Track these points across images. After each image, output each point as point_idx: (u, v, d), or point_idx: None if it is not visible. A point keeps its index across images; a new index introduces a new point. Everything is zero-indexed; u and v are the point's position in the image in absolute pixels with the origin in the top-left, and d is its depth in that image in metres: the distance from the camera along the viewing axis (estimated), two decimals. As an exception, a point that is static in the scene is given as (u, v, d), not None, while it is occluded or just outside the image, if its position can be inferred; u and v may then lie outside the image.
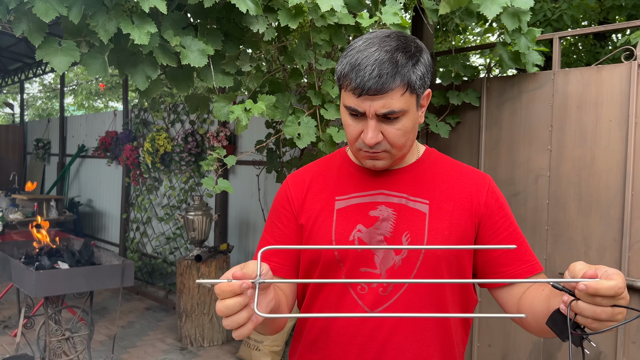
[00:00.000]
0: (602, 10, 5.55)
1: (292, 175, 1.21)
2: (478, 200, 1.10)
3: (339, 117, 2.35)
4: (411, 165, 1.14)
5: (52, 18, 1.64)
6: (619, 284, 0.77)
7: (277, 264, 1.13)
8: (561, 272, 2.54)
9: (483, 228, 1.10)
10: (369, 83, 0.97)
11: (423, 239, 1.05)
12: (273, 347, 3.70)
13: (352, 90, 1.00)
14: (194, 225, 4.14)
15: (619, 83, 2.39)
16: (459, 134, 2.95)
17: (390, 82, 0.98)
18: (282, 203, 1.18)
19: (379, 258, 1.06)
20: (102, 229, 7.19)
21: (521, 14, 2.43)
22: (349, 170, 1.16)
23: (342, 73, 1.03)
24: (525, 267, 1.09)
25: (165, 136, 5.31)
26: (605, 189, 2.42)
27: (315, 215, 1.11)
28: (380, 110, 0.99)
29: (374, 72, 0.98)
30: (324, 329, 1.10)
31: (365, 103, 1.00)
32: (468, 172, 1.15)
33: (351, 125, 1.05)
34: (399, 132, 1.03)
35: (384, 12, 2.21)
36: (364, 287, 1.06)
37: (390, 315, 0.95)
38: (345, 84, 1.02)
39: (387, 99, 0.99)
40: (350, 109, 1.02)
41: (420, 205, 1.08)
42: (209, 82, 2.07)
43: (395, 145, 1.04)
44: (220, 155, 2.19)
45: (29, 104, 17.27)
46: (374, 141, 1.01)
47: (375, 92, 0.98)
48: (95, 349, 3.90)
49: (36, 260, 2.98)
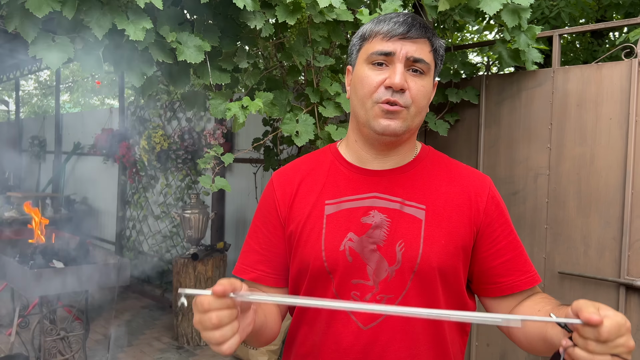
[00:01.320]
0: (600, 8, 5.53)
1: (277, 173, 1.13)
2: (477, 206, 1.03)
3: (337, 114, 2.32)
4: (408, 165, 1.07)
5: (46, 13, 1.61)
6: (620, 330, 0.73)
7: (263, 272, 1.08)
8: (560, 271, 2.53)
9: (481, 237, 1.04)
10: (402, 27, 0.98)
11: (418, 248, 0.99)
12: (270, 345, 3.68)
13: (383, 34, 0.99)
14: (190, 224, 4.11)
15: (619, 81, 2.37)
16: (457, 132, 2.92)
17: (422, 31, 0.99)
18: (267, 207, 1.11)
19: (371, 269, 0.99)
20: (98, 227, 7.15)
21: (521, 11, 2.41)
22: (339, 169, 1.08)
23: (368, 30, 1.02)
24: (524, 279, 1.04)
25: (162, 134, 5.28)
26: (605, 187, 2.41)
27: (304, 221, 1.04)
28: (412, 53, 0.98)
29: (407, 19, 0.99)
30: (316, 344, 1.04)
31: (396, 44, 0.98)
32: (467, 174, 1.08)
33: (371, 76, 1.00)
34: (422, 89, 1.00)
35: (383, 8, 2.19)
36: (356, 299, 0.99)
37: (379, 309, 0.89)
38: (373, 34, 1.00)
39: (418, 45, 0.99)
40: (378, 52, 0.98)
41: (415, 210, 1.01)
42: (205, 79, 2.04)
43: (416, 101, 0.99)
44: (217, 153, 2.17)
45: (24, 101, 17.17)
46: (401, 82, 0.96)
47: (408, 36, 0.98)
48: (90, 348, 3.87)
49: (31, 259, 2.95)
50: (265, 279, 1.08)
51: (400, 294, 0.98)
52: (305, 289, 1.04)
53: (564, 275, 2.53)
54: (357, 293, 0.99)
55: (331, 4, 1.98)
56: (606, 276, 2.39)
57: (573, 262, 2.50)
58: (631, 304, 2.33)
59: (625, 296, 2.33)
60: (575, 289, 2.50)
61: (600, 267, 2.42)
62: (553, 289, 2.57)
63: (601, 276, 2.40)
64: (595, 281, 2.43)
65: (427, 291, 0.99)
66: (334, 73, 2.52)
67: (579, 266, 2.48)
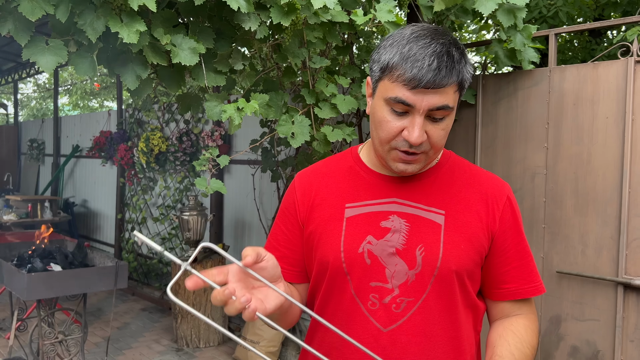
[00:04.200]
0: (597, 7, 5.53)
1: (299, 175, 1.15)
2: (494, 214, 1.05)
3: (333, 115, 2.32)
4: (429, 171, 1.08)
5: (39, 17, 1.60)
6: None
7: (283, 269, 1.08)
8: (558, 270, 2.52)
9: (495, 243, 1.06)
10: (427, 75, 0.90)
11: (438, 252, 1.00)
12: (269, 347, 3.67)
13: (406, 81, 0.91)
14: (189, 226, 4.11)
15: (615, 79, 2.37)
16: (455, 132, 2.92)
17: (448, 77, 0.91)
18: (287, 206, 1.13)
19: (390, 272, 1.00)
20: (97, 230, 7.15)
21: (517, 10, 2.41)
22: (360, 174, 1.09)
23: (391, 63, 0.94)
24: (527, 288, 1.07)
25: (160, 136, 5.28)
26: (602, 186, 2.40)
27: (325, 222, 1.06)
28: (435, 104, 0.92)
29: (433, 64, 0.90)
30: (333, 345, 1.05)
31: (418, 96, 0.91)
32: (486, 180, 1.09)
33: (390, 122, 0.95)
34: (442, 132, 0.97)
35: (378, 9, 2.18)
36: (375, 302, 1.01)
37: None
38: (396, 74, 0.93)
39: (442, 94, 0.92)
40: (398, 100, 0.93)
41: (435, 215, 1.03)
42: (200, 80, 2.04)
43: (435, 146, 0.98)
44: (212, 155, 2.16)
45: (23, 104, 17.17)
46: (420, 140, 0.94)
47: (433, 86, 0.90)
48: (89, 351, 3.86)
49: (28, 263, 2.95)
50: (285, 275, 1.10)
51: (420, 297, 1.00)
52: (325, 289, 1.06)
53: (562, 275, 2.52)
54: (375, 295, 1.01)
55: (325, 5, 1.97)
56: (604, 275, 2.38)
57: (571, 261, 2.50)
58: (629, 302, 2.32)
59: (623, 295, 2.33)
60: (573, 289, 2.50)
61: (598, 266, 2.41)
62: (551, 289, 2.56)
63: (599, 275, 2.39)
64: (593, 280, 2.43)
65: (446, 294, 1.01)
66: (330, 74, 2.52)
67: (577, 265, 2.48)
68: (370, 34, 4.38)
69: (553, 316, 2.56)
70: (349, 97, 2.36)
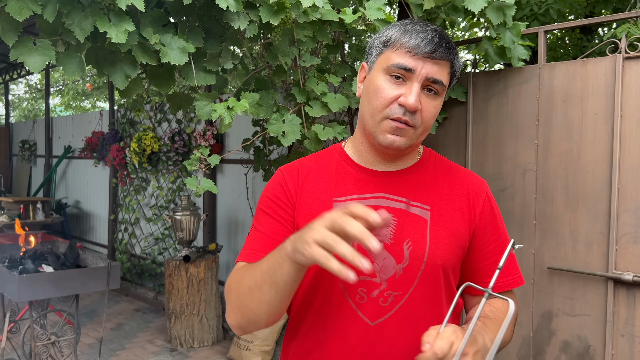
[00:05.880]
0: (588, 4, 5.56)
1: (286, 168, 1.13)
2: (474, 209, 1.08)
3: (324, 114, 2.32)
4: (412, 167, 1.10)
5: (26, 17, 1.59)
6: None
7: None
8: (549, 266, 2.54)
9: (475, 238, 1.09)
10: (429, 45, 0.97)
11: (425, 247, 1.02)
12: (263, 346, 3.67)
13: (409, 48, 0.97)
14: (181, 226, 4.09)
15: (604, 76, 2.38)
16: (446, 129, 2.93)
17: (446, 53, 0.98)
18: (275, 193, 1.09)
19: (378, 266, 1.01)
20: (90, 231, 7.12)
21: (506, 8, 2.42)
22: (346, 169, 1.10)
23: (392, 36, 1.00)
24: (506, 281, 1.10)
25: (152, 136, 5.26)
26: (591, 182, 2.42)
27: (313, 216, 1.03)
28: (433, 74, 0.97)
29: (435, 37, 0.98)
30: (320, 340, 1.04)
31: (418, 62, 0.97)
32: (466, 177, 1.12)
33: (386, 89, 0.99)
34: (433, 110, 1.01)
35: (367, 7, 2.19)
36: (363, 296, 1.01)
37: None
38: (399, 44, 0.99)
39: (439, 67, 0.98)
40: (400, 66, 0.98)
41: (421, 211, 1.05)
42: (190, 80, 2.03)
43: (425, 123, 1.01)
44: (203, 155, 2.16)
45: (14, 105, 17.06)
46: (416, 105, 0.97)
47: (433, 56, 0.97)
48: (83, 352, 3.85)
49: (20, 264, 2.93)
50: None
51: (407, 291, 1.02)
52: (312, 283, 1.05)
53: (553, 271, 2.54)
54: (364, 289, 1.02)
55: (314, 3, 1.97)
56: (594, 270, 2.40)
57: (562, 257, 2.51)
58: (619, 297, 2.34)
59: (613, 290, 2.35)
60: (564, 284, 2.51)
61: (589, 262, 2.43)
62: (542, 285, 2.58)
63: (589, 271, 2.41)
64: (583, 276, 2.44)
65: (431, 288, 1.03)
66: (320, 73, 2.52)
67: (567, 261, 2.49)
68: (362, 32, 4.38)
69: (544, 312, 2.58)
70: (340, 96, 2.36)
